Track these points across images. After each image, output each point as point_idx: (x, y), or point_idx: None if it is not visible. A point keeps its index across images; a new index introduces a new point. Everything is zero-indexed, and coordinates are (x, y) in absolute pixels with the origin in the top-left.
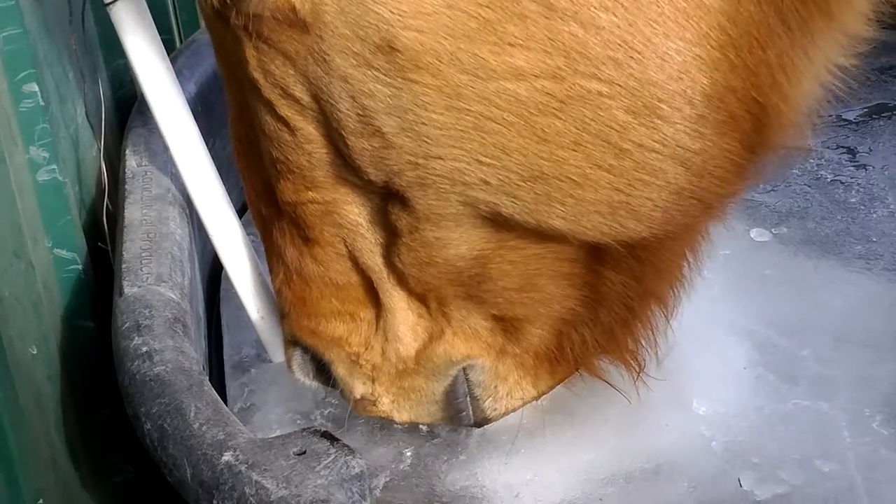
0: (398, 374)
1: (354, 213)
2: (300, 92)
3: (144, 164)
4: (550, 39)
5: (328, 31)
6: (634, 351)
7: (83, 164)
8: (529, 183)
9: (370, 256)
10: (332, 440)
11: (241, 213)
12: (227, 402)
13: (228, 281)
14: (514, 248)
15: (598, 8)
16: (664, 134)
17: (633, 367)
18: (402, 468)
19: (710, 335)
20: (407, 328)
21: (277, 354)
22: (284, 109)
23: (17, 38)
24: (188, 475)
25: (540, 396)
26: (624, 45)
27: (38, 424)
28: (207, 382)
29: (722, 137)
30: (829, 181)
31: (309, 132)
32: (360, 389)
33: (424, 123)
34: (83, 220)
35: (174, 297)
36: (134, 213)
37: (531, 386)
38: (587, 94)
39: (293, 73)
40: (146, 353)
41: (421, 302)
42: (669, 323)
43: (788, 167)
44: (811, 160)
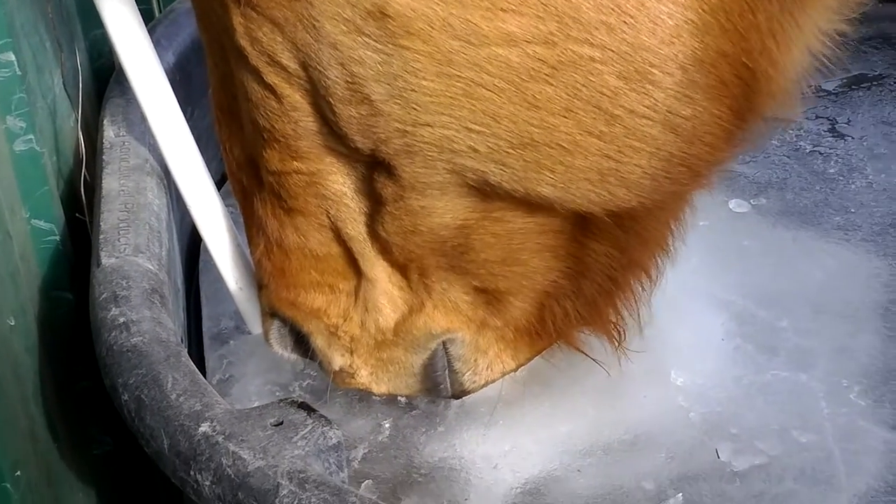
0: (377, 345)
1: (339, 182)
2: (288, 59)
3: (122, 134)
4: (543, 4)
5: None
6: (617, 322)
7: (61, 134)
8: (519, 150)
9: (353, 226)
10: (309, 411)
11: (219, 184)
12: (205, 373)
13: (207, 252)
14: (498, 219)
15: None
16: (655, 99)
17: (615, 338)
18: (380, 440)
19: (687, 306)
20: (387, 299)
21: (256, 326)
22: (271, 77)
23: None
24: (165, 446)
25: (518, 368)
26: (617, 9)
27: (15, 396)
28: (185, 353)
29: (712, 103)
30: (807, 152)
31: (296, 100)
32: (338, 361)
33: (414, 90)
34: (61, 190)
35: (152, 267)
36: (111, 183)
37: (511, 359)
38: (579, 59)
39: (281, 40)
40: (123, 323)
41: (402, 274)
42: (653, 293)
43: (768, 138)
44: (790, 131)
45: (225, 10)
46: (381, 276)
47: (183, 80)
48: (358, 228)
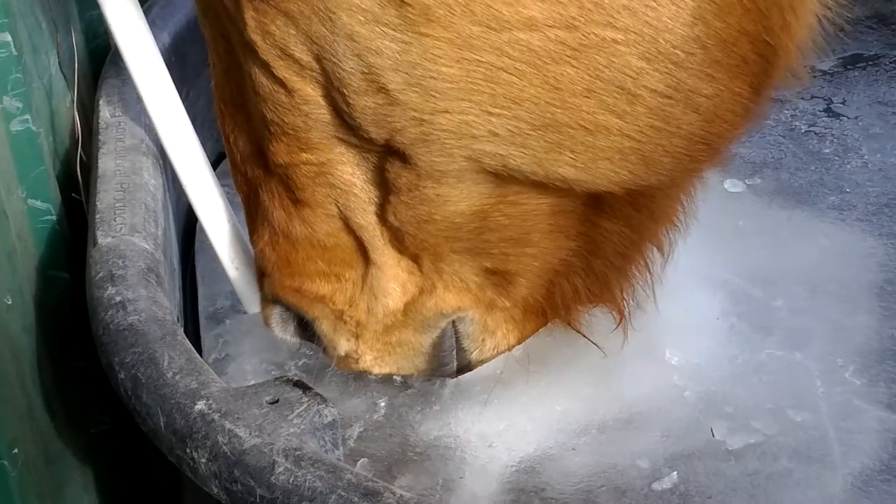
0: (385, 329)
1: (349, 172)
2: (301, 52)
3: (118, 114)
4: None
5: None
6: (626, 298)
7: (57, 114)
8: (540, 132)
9: (363, 216)
10: (304, 389)
11: (215, 164)
12: (202, 353)
13: (203, 232)
14: (513, 202)
15: None
16: (678, 79)
17: (624, 314)
18: (375, 418)
19: (683, 286)
20: (397, 284)
21: (252, 306)
22: (282, 71)
23: None
24: (161, 424)
25: (518, 344)
26: None
27: (13, 375)
28: (181, 332)
29: (733, 81)
30: (803, 132)
31: (307, 93)
32: (344, 346)
33: (433, 77)
34: (57, 170)
35: (148, 247)
36: (107, 163)
37: (516, 340)
38: (601, 42)
39: (294, 33)
40: (119, 302)
41: (412, 259)
42: (664, 268)
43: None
44: (785, 111)
45: (236, 4)
46: (390, 262)
47: (178, 60)
48: (368, 218)
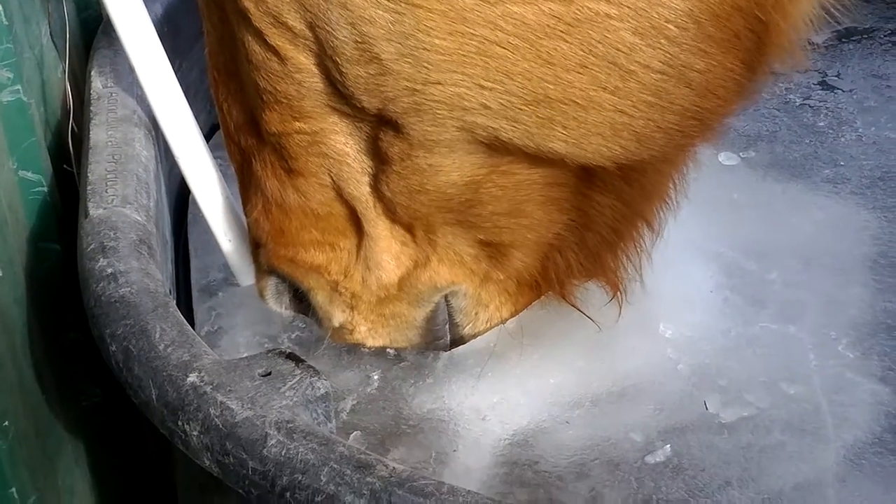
0: (379, 301)
1: (341, 142)
2: (294, 20)
3: (110, 85)
4: None
5: None
6: (619, 272)
7: (48, 85)
8: (532, 106)
9: (356, 186)
10: (297, 361)
11: (207, 136)
12: (194, 326)
13: (195, 204)
14: (505, 172)
15: None
16: (670, 54)
17: (617, 288)
18: (368, 391)
19: (677, 259)
20: (390, 256)
21: (245, 278)
22: (275, 38)
23: None
24: (153, 396)
25: (512, 317)
26: None
27: (3, 347)
28: (173, 304)
29: (726, 56)
30: (797, 105)
31: (299, 61)
32: (339, 317)
33: (426, 49)
34: (48, 141)
35: (139, 218)
36: (99, 134)
37: (509, 313)
38: (595, 16)
39: (288, 0)
40: (111, 274)
41: (406, 230)
42: (655, 243)
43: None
44: (780, 84)
45: None
46: (383, 234)
47: (171, 31)
48: (361, 189)
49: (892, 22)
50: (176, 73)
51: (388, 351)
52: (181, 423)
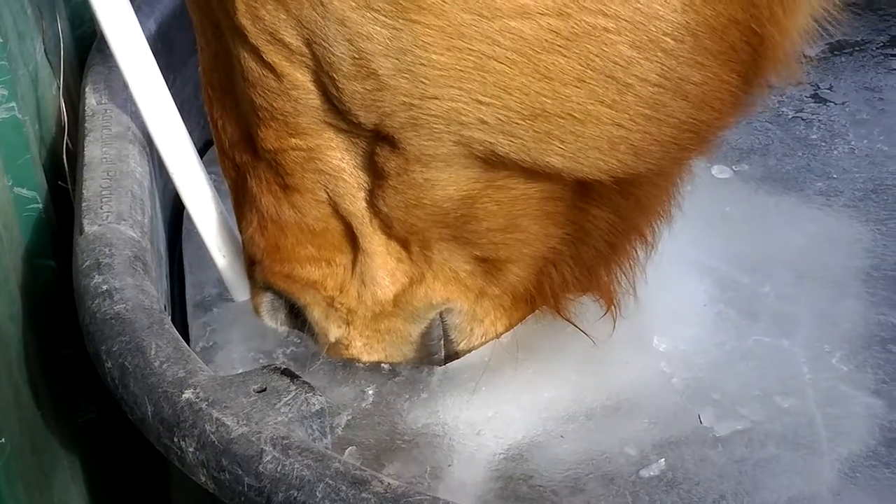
0: (374, 317)
1: (337, 158)
2: (291, 37)
3: (104, 102)
4: None
5: None
6: (614, 286)
7: (43, 101)
8: (529, 121)
9: (352, 201)
10: (292, 377)
11: (202, 152)
12: (189, 341)
13: (190, 220)
14: (501, 187)
15: None
16: (667, 67)
17: (612, 302)
18: (363, 406)
19: (670, 272)
20: (386, 272)
21: (240, 293)
22: (272, 55)
23: None
24: (149, 413)
25: (506, 331)
26: None
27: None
28: (168, 321)
29: (722, 69)
30: (790, 118)
31: (296, 78)
32: (335, 333)
33: (423, 64)
34: (43, 158)
35: (134, 235)
36: (94, 151)
37: (504, 328)
38: (593, 30)
39: (285, 17)
40: (106, 291)
41: (402, 246)
42: (650, 257)
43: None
44: (772, 97)
45: None
46: (379, 249)
47: (165, 47)
48: (357, 204)
49: (884, 34)
50: (170, 89)
51: (382, 366)
52: (177, 439)
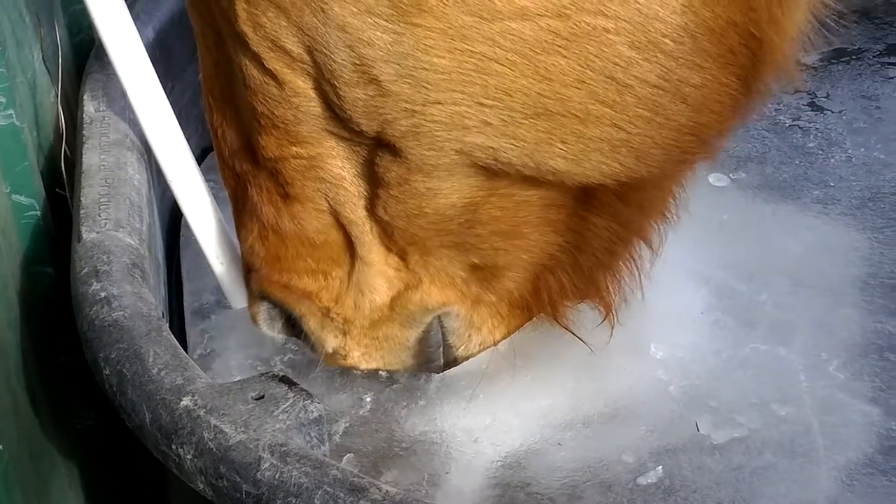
0: (371, 324)
1: (338, 166)
2: (292, 44)
3: (102, 109)
4: None
5: None
6: (612, 293)
7: (41, 109)
8: (531, 122)
9: (352, 210)
10: (290, 385)
11: (200, 159)
12: (187, 348)
13: (188, 227)
14: (503, 195)
15: None
16: (666, 68)
17: (610, 309)
18: (361, 414)
19: (667, 280)
20: (384, 280)
21: (238, 301)
22: (273, 63)
23: None
24: (147, 420)
25: (504, 338)
26: None
27: None
28: (166, 328)
29: (721, 71)
30: (787, 126)
31: (297, 85)
32: (331, 343)
33: (425, 68)
34: (41, 165)
35: (133, 242)
36: (92, 158)
37: (502, 336)
38: (592, 30)
39: (286, 24)
40: (104, 298)
41: (400, 255)
42: (654, 262)
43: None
44: (770, 105)
45: None
46: (377, 258)
47: (163, 55)
48: (357, 212)
49: (881, 43)
50: (168, 96)
51: (380, 373)
52: (175, 446)
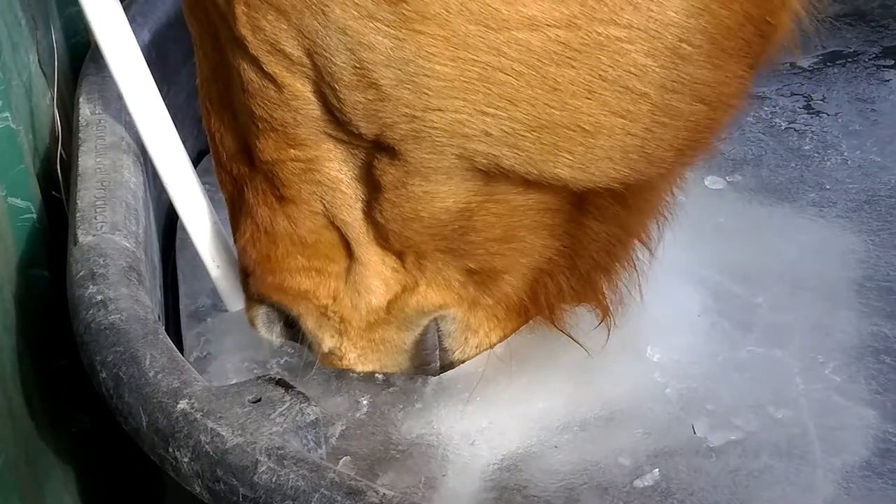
0: (368, 326)
1: (335, 169)
2: (291, 47)
3: (98, 112)
4: None
5: None
6: (611, 296)
7: (37, 112)
8: (536, 133)
9: (349, 212)
10: (286, 388)
11: (196, 161)
12: (183, 351)
13: (184, 230)
14: (501, 200)
15: None
16: (684, 73)
17: (608, 311)
18: (358, 416)
19: (664, 283)
20: (380, 281)
21: (234, 303)
22: (272, 66)
23: None
24: (144, 423)
25: (501, 341)
26: None
27: None
28: (163, 331)
29: (738, 65)
30: (783, 129)
31: (297, 88)
32: (328, 342)
33: (426, 75)
34: (37, 168)
35: (129, 245)
36: (88, 161)
37: (498, 338)
38: (605, 40)
39: (286, 27)
40: (101, 301)
41: (397, 257)
42: (651, 264)
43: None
44: (765, 108)
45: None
46: (374, 259)
47: (159, 57)
48: (353, 215)
49: (876, 45)
50: (164, 98)
51: (376, 376)
52: (171, 449)
